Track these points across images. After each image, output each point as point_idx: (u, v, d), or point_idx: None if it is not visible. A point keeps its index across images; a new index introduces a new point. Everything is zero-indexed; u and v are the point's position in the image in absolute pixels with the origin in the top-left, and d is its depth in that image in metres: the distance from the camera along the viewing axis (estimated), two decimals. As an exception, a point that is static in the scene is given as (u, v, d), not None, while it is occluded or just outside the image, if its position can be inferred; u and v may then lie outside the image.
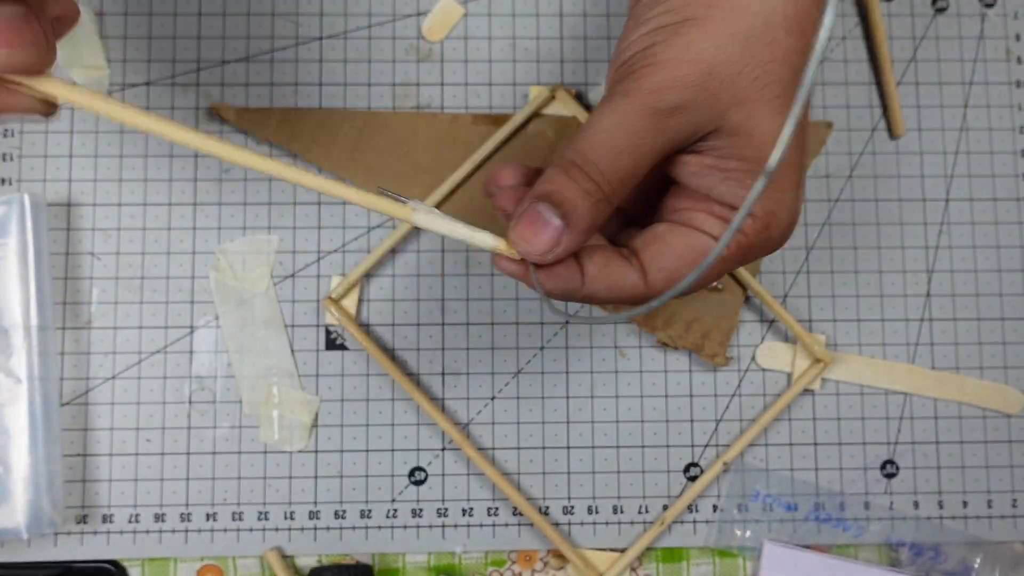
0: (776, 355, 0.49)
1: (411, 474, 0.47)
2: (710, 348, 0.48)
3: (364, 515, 0.47)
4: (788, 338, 0.49)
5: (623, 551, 0.47)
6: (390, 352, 0.48)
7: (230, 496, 0.47)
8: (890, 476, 0.48)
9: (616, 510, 0.48)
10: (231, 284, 0.48)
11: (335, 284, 0.48)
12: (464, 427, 0.48)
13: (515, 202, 0.32)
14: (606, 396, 0.48)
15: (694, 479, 0.48)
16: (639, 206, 0.35)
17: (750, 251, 0.32)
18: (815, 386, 0.48)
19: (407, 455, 0.47)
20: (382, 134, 0.48)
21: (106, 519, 0.46)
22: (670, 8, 0.31)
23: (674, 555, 0.48)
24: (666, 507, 0.48)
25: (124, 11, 0.49)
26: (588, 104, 0.49)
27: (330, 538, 0.47)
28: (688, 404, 0.48)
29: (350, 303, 0.48)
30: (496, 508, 0.47)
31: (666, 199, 0.34)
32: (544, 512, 0.47)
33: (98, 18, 0.49)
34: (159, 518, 0.47)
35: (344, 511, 0.47)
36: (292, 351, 0.48)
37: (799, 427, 0.48)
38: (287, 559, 0.47)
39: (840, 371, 0.48)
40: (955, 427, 0.48)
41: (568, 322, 0.48)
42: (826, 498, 0.48)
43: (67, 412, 0.47)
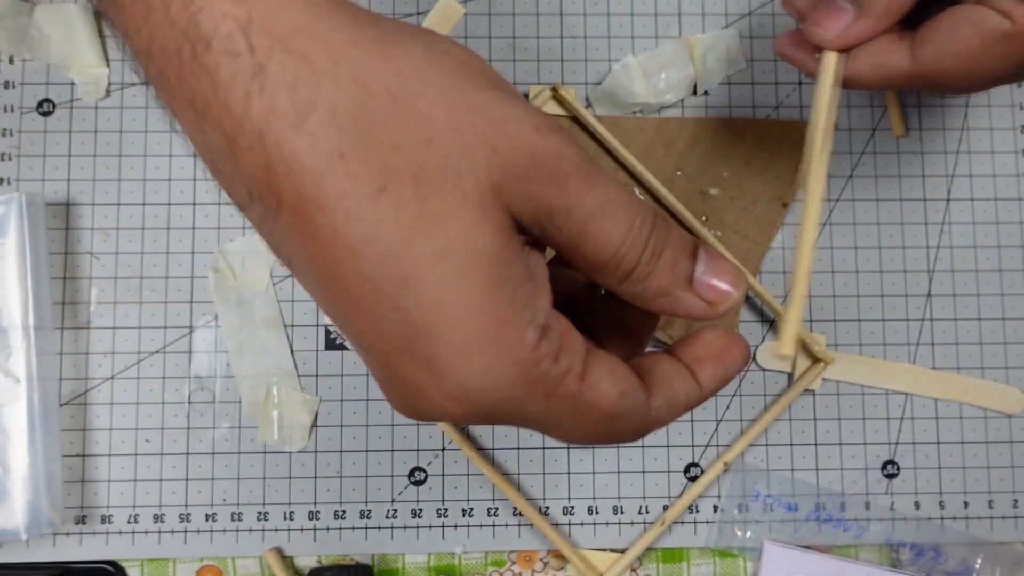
0: (777, 355, 0.48)
1: (411, 474, 0.47)
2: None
3: (364, 515, 0.47)
4: (789, 338, 0.49)
5: (623, 551, 0.47)
6: (390, 352, 0.48)
7: (229, 496, 0.47)
8: (891, 476, 0.48)
9: (616, 510, 0.47)
10: (231, 284, 0.48)
11: (335, 284, 0.48)
12: (464, 427, 0.48)
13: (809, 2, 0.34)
14: (606, 396, 0.48)
15: (694, 479, 0.48)
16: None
17: None
18: (816, 386, 0.48)
19: (407, 455, 0.47)
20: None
21: (105, 519, 0.46)
22: None
23: (674, 555, 0.48)
24: (666, 507, 0.47)
25: (123, 10, 0.49)
26: (588, 103, 0.49)
27: (330, 538, 0.47)
28: (688, 404, 0.48)
29: (350, 303, 0.48)
30: (496, 508, 0.47)
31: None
32: (544, 512, 0.47)
33: (97, 17, 0.49)
34: (158, 518, 0.46)
35: (344, 511, 0.47)
36: (292, 351, 0.48)
37: (800, 427, 0.48)
38: (286, 559, 0.47)
39: (841, 371, 0.48)
40: (956, 427, 0.48)
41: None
42: (827, 498, 0.48)
43: (66, 412, 0.47)
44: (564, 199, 0.24)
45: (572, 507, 0.47)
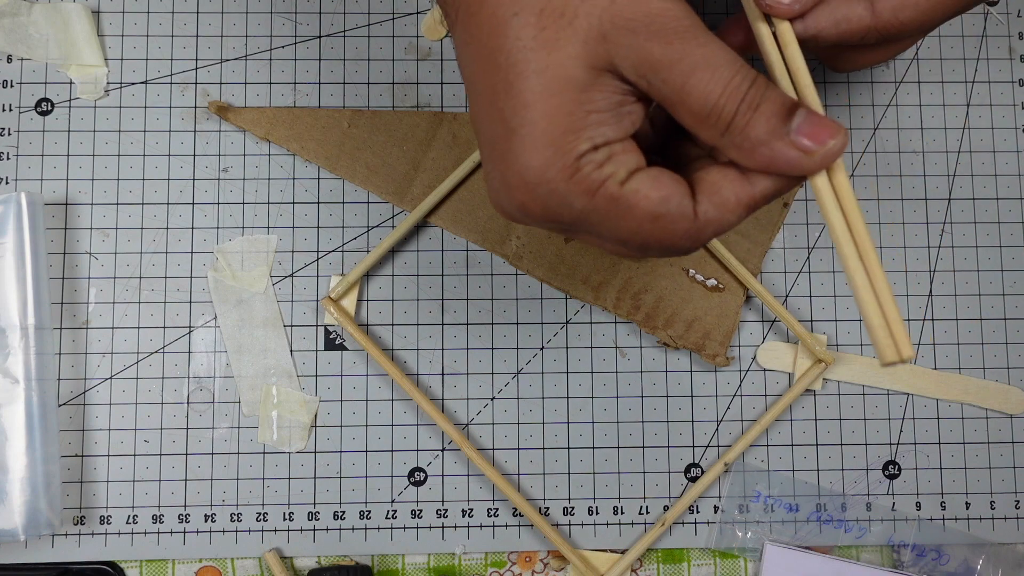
0: (777, 355, 0.48)
1: (411, 475, 0.47)
2: (711, 348, 0.48)
3: (363, 516, 0.47)
4: (789, 338, 0.48)
5: (624, 552, 0.47)
6: (389, 352, 0.48)
7: (228, 497, 0.47)
8: (892, 477, 0.48)
9: (617, 511, 0.47)
10: (230, 284, 0.47)
11: (334, 284, 0.47)
12: (464, 428, 0.48)
13: None
14: (606, 396, 0.48)
15: (695, 480, 0.48)
16: None
17: None
18: (816, 386, 0.48)
19: (406, 456, 0.47)
20: (381, 133, 0.48)
21: (104, 520, 0.46)
22: None
23: (675, 556, 0.48)
24: (667, 508, 0.47)
25: (122, 9, 0.49)
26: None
27: (329, 539, 0.47)
28: (689, 404, 0.48)
29: (349, 303, 0.48)
30: (496, 509, 0.47)
31: None
32: (544, 513, 0.47)
33: (96, 16, 0.48)
34: (157, 519, 0.46)
35: (343, 512, 0.47)
36: (291, 351, 0.47)
37: (800, 428, 0.48)
38: (286, 560, 0.47)
39: (842, 371, 0.48)
40: (957, 428, 0.48)
41: (569, 322, 0.48)
42: (828, 499, 0.48)
43: (64, 413, 0.47)
44: (668, 53, 0.29)
45: (572, 508, 0.47)
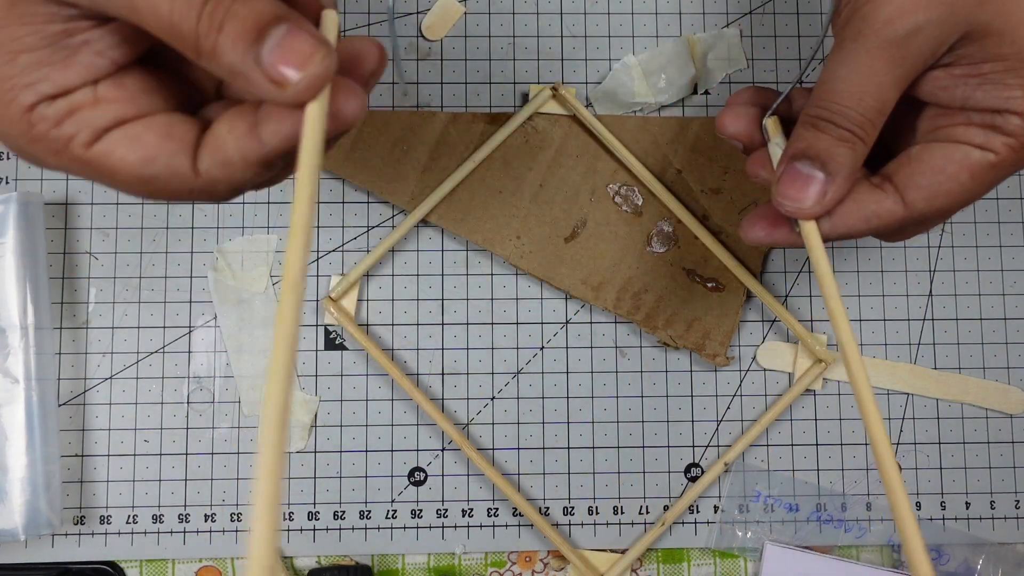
0: (777, 355, 0.48)
1: (411, 475, 0.47)
2: (711, 348, 0.48)
3: (363, 516, 0.47)
4: (790, 338, 0.48)
5: (624, 552, 0.47)
6: (390, 352, 0.48)
7: (228, 497, 0.47)
8: (892, 477, 0.48)
9: (616, 511, 0.47)
10: (230, 284, 0.47)
11: (334, 284, 0.47)
12: (464, 427, 0.48)
13: (764, 166, 0.33)
14: (606, 396, 0.48)
15: (695, 480, 0.48)
16: (886, 138, 0.34)
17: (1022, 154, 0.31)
18: (817, 386, 0.48)
19: (406, 455, 0.47)
20: (381, 133, 0.48)
21: (104, 520, 0.46)
22: None
23: (675, 556, 0.47)
24: (667, 508, 0.47)
25: (122, 9, 0.49)
26: (588, 103, 0.49)
27: (329, 539, 0.47)
28: (689, 404, 0.48)
29: (349, 303, 0.47)
30: (496, 509, 0.47)
31: (917, 123, 0.33)
32: (544, 513, 0.47)
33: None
34: (157, 519, 0.46)
35: (343, 512, 0.47)
36: (291, 351, 0.47)
37: (800, 427, 0.48)
38: (286, 560, 0.47)
39: (842, 371, 0.48)
40: (958, 427, 0.48)
41: (569, 322, 0.48)
42: (828, 499, 0.48)
43: (64, 412, 0.47)
44: None
45: (572, 507, 0.47)
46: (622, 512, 0.47)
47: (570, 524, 0.47)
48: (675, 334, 0.48)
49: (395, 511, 0.47)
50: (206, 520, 0.46)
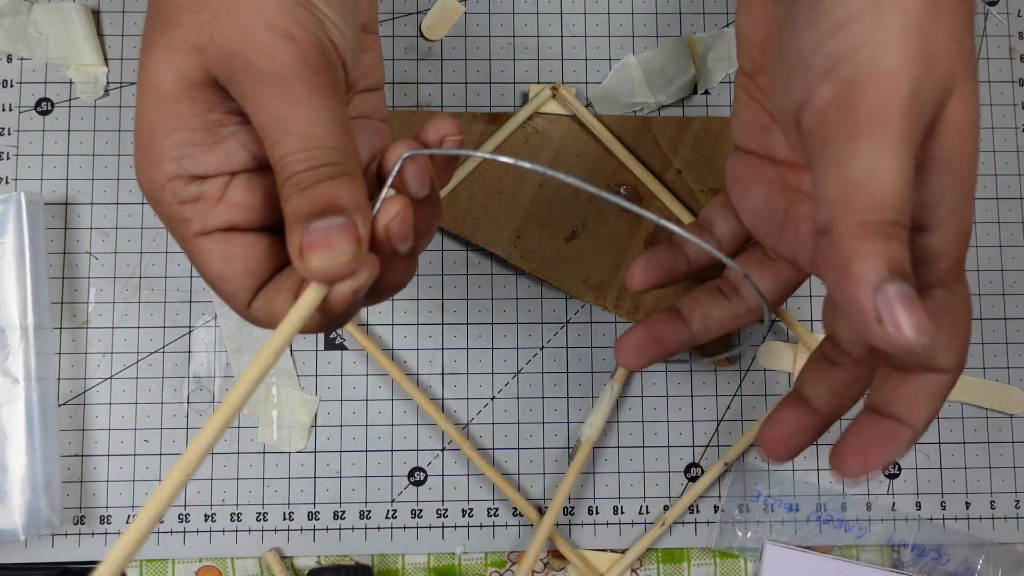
0: (777, 355, 0.48)
1: (411, 475, 0.47)
2: (711, 348, 0.48)
3: (363, 516, 0.47)
4: (789, 338, 0.48)
5: (624, 552, 0.47)
6: (389, 352, 0.48)
7: (228, 497, 0.47)
8: (892, 477, 0.48)
9: (617, 511, 0.47)
10: (229, 284, 0.47)
11: (334, 284, 0.47)
12: (464, 427, 0.48)
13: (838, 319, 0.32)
14: (607, 396, 0.48)
15: (695, 479, 0.48)
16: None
17: None
18: (817, 386, 0.48)
19: (406, 455, 0.47)
20: (381, 133, 0.48)
21: (104, 520, 0.46)
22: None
23: (675, 556, 0.47)
24: (667, 508, 0.47)
25: (122, 9, 0.49)
26: (588, 103, 0.49)
27: (329, 539, 0.47)
28: (689, 404, 0.48)
29: (349, 303, 0.47)
30: (496, 509, 0.47)
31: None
32: (544, 513, 0.47)
33: (96, 16, 0.48)
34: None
35: (343, 512, 0.47)
36: (291, 351, 0.47)
37: (801, 427, 0.48)
38: (286, 560, 0.47)
39: (842, 371, 0.48)
40: (958, 427, 0.48)
41: (569, 322, 0.48)
42: (828, 499, 0.48)
43: (64, 412, 0.47)
44: (258, 92, 0.27)
45: (572, 507, 0.47)
46: (622, 512, 0.47)
47: (570, 524, 0.47)
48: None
49: (395, 511, 0.47)
50: (206, 520, 0.46)
